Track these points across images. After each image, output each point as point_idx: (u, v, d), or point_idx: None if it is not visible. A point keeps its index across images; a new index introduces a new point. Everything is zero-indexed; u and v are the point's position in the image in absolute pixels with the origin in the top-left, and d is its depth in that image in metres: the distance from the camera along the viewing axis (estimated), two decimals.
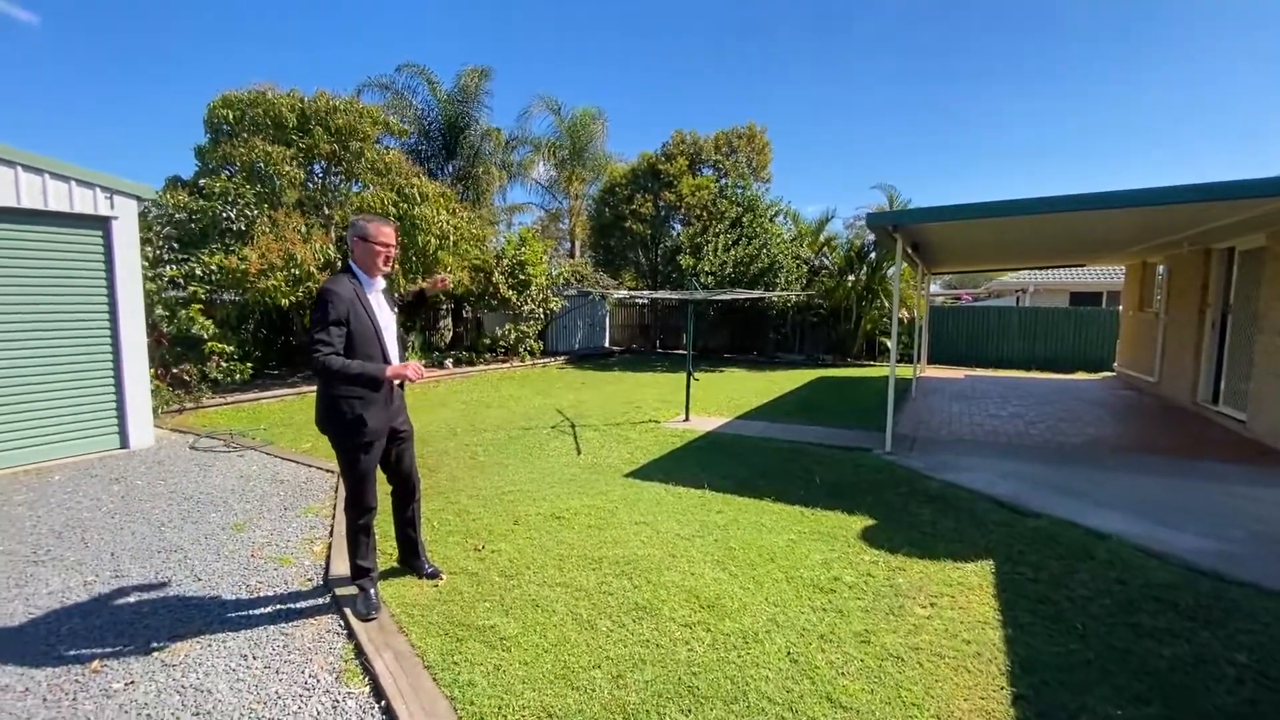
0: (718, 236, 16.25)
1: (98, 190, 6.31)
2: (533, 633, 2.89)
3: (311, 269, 10.12)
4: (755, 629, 2.95)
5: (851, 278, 17.35)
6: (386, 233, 3.02)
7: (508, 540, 4.02)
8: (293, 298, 10.14)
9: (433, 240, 11.45)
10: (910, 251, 8.11)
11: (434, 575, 3.40)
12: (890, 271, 16.80)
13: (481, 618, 3.02)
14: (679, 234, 17.90)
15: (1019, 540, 4.08)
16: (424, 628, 2.93)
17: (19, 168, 5.74)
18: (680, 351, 20.20)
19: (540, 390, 11.48)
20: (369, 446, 3.02)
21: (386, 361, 2.99)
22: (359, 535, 3.11)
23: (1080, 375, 14.71)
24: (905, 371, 14.30)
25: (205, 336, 9.27)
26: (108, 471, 5.74)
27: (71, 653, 2.76)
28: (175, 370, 9.06)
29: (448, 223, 11.75)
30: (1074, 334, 16.08)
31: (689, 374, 8.23)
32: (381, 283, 3.13)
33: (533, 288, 15.36)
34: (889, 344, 17.14)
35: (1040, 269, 21.92)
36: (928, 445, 6.82)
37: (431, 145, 17.75)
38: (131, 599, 3.28)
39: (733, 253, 15.94)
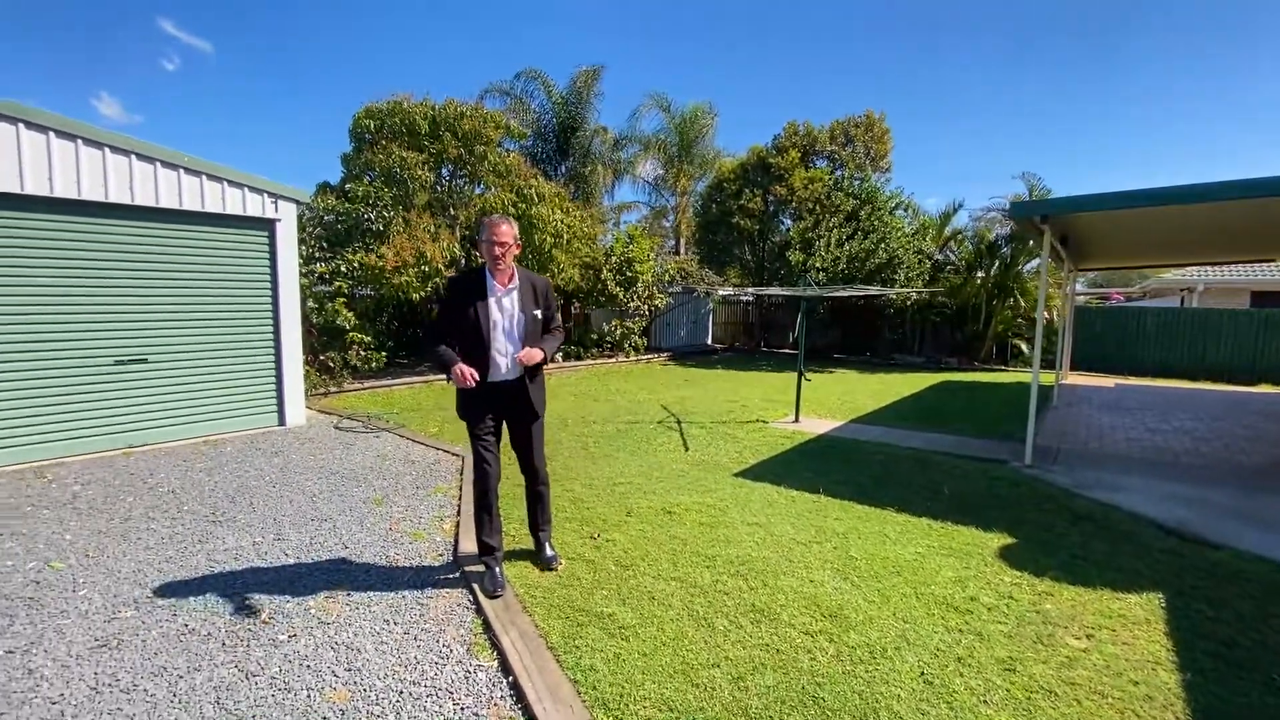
0: (831, 231, 15.61)
1: (265, 195, 7.11)
2: (650, 625, 2.89)
3: (439, 266, 10.85)
4: (883, 644, 2.77)
5: (980, 274, 16.03)
6: (497, 231, 3.12)
7: (621, 531, 4.08)
8: (422, 292, 10.93)
9: (548, 239, 11.89)
10: (1057, 245, 7.32)
11: (551, 561, 3.50)
12: (1029, 267, 15.36)
13: (600, 605, 3.07)
14: (789, 229, 17.40)
15: (1193, 573, 3.56)
16: (546, 609, 3.02)
17: (203, 176, 6.59)
18: (785, 351, 19.65)
19: (644, 386, 11.60)
20: (473, 425, 3.28)
21: (484, 352, 3.14)
22: (480, 512, 3.30)
23: (1266, 388, 12.68)
24: (1046, 378, 13.04)
25: (347, 327, 10.21)
26: (269, 445, 6.46)
27: (245, 603, 3.12)
28: (322, 357, 10.05)
29: (561, 221, 12.15)
30: (1258, 340, 13.86)
31: (800, 373, 7.96)
32: (512, 280, 3.23)
33: (639, 285, 15.55)
34: (1024, 347, 15.74)
35: (1214, 265, 19.12)
36: (1073, 460, 6.14)
37: (546, 147, 18.46)
38: (291, 560, 3.66)
39: (847, 248, 15.25)
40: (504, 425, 3.41)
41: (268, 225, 7.18)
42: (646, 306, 16.30)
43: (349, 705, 2.35)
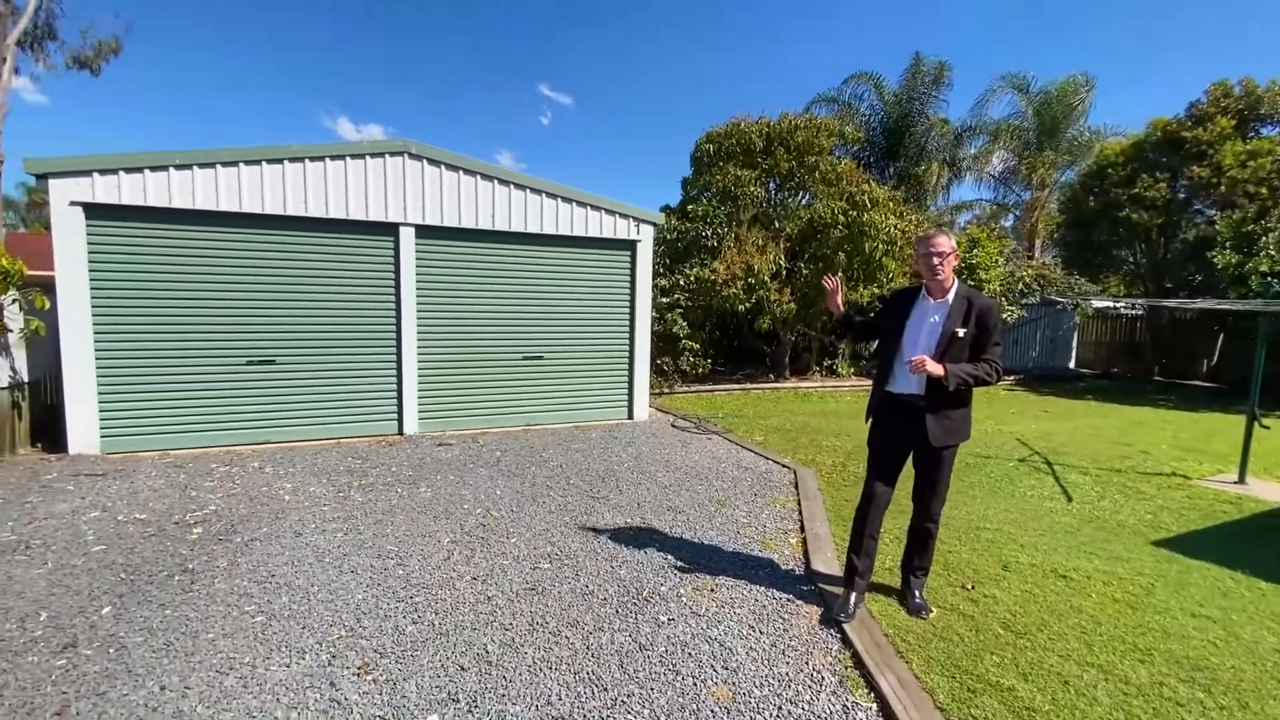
0: None
1: (630, 220, 8.20)
2: (1070, 715, 2.34)
3: (765, 278, 11.11)
4: None
5: None
6: (935, 241, 3.01)
7: (1000, 588, 3.46)
8: (746, 304, 11.33)
9: (879, 246, 11.19)
10: None
11: (921, 608, 3.13)
12: None
13: (993, 673, 2.61)
14: (1213, 222, 13.14)
15: None
16: (924, 661, 2.70)
17: (588, 207, 7.90)
18: (1194, 383, 14.89)
19: (989, 414, 9.98)
20: (873, 448, 3.18)
21: (890, 358, 3.11)
22: (856, 531, 3.15)
23: None
24: None
25: (680, 335, 11.18)
26: (623, 435, 7.40)
27: (628, 577, 3.53)
28: (658, 361, 11.20)
29: (895, 227, 11.30)
30: None
31: (1252, 415, 5.83)
32: (945, 295, 3.03)
33: (993, 301, 13.53)
34: None
35: None
36: None
37: (874, 150, 17.47)
38: (656, 545, 4.03)
39: None
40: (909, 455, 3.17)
41: (630, 246, 8.26)
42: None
43: (731, 706, 2.41)
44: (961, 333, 2.93)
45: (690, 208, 11.99)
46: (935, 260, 2.93)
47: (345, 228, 6.76)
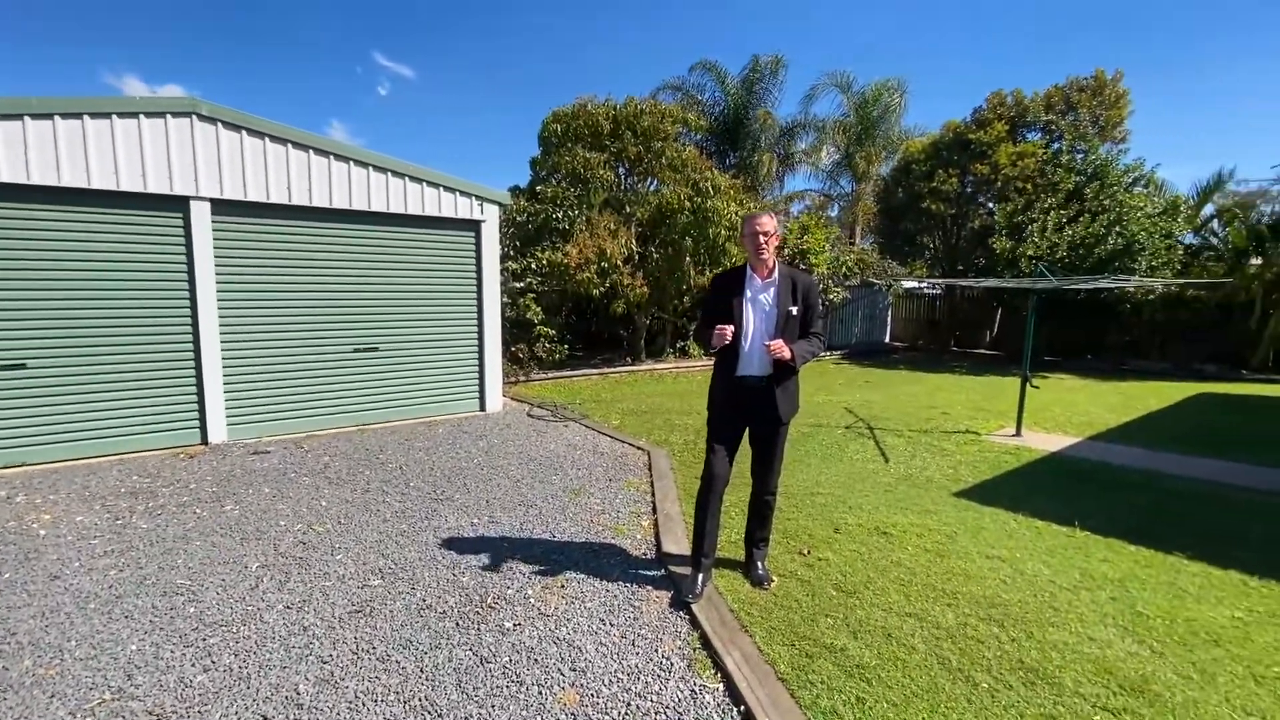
0: (1046, 213, 13.49)
1: (473, 199, 7.69)
2: (894, 668, 2.51)
3: (617, 262, 11.10)
4: None
5: (1258, 261, 12.85)
6: (758, 221, 3.04)
7: (832, 549, 3.69)
8: (600, 289, 11.27)
9: (722, 232, 11.64)
10: None
11: (763, 579, 3.23)
12: None
13: (828, 635, 2.74)
14: (992, 213, 15.38)
15: None
16: (767, 632, 2.77)
17: (423, 183, 7.27)
18: (981, 352, 17.49)
19: (820, 386, 10.91)
20: (714, 430, 3.18)
21: (734, 345, 3.06)
22: (700, 512, 3.15)
23: None
24: None
25: (535, 321, 10.84)
26: (474, 429, 6.99)
27: (470, 584, 3.26)
28: (512, 349, 10.78)
29: (736, 213, 11.83)
30: None
31: (1025, 378, 6.86)
32: (771, 275, 3.10)
33: (813, 278, 14.71)
34: None
35: None
36: None
37: (717, 138, 18.21)
38: (505, 545, 3.80)
39: (1067, 232, 13.06)
40: (745, 433, 3.23)
41: (474, 226, 7.76)
42: (820, 301, 15.37)
43: (579, 710, 2.28)
44: (795, 310, 3.03)
45: (539, 189, 11.62)
46: (761, 239, 2.98)
47: (116, 201, 5.58)
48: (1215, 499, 4.75)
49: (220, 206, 6.09)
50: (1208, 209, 14.45)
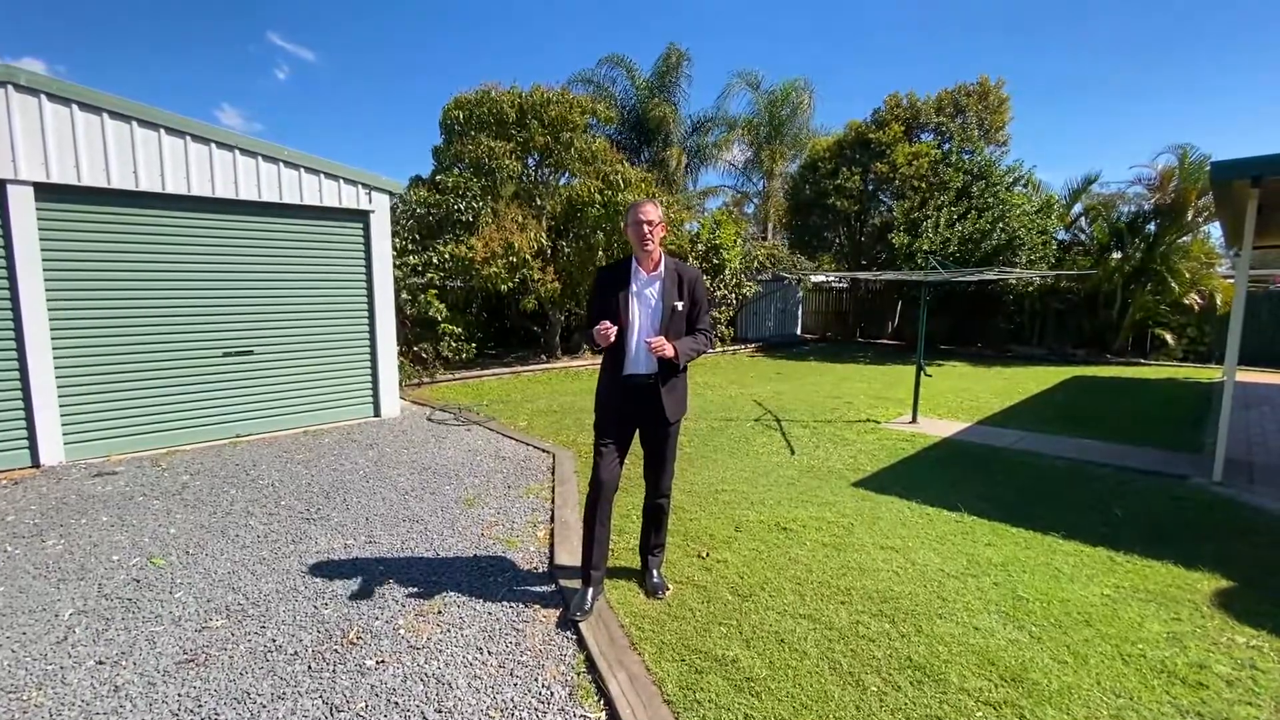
0: (939, 210, 14.28)
1: (359, 187, 7.10)
2: (784, 678, 2.40)
3: (526, 256, 10.71)
4: None
5: (1118, 255, 14.16)
6: (642, 209, 2.84)
7: (732, 549, 3.59)
8: (510, 284, 10.83)
9: None
10: (1248, 218, 6.06)
11: (658, 588, 3.06)
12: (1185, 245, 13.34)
13: (720, 646, 2.60)
14: (891, 209, 16.11)
15: None
16: (657, 648, 2.60)
17: (301, 169, 6.62)
18: (884, 342, 18.37)
19: (733, 379, 11.01)
20: (600, 431, 2.96)
21: (620, 342, 2.85)
22: (590, 527, 2.93)
23: None
24: (1203, 373, 11.35)
25: (439, 319, 10.26)
26: (364, 437, 6.46)
27: (333, 617, 2.90)
28: (415, 348, 10.17)
29: None
30: None
31: (919, 367, 7.13)
32: (658, 269, 2.90)
33: (726, 272, 14.88)
34: (1168, 337, 13.78)
35: None
36: (1276, 476, 5.04)
37: (628, 134, 18.07)
38: (381, 568, 3.44)
39: (958, 228, 13.89)
40: (634, 435, 3.03)
41: (362, 217, 7.18)
42: (734, 295, 15.60)
43: None
44: (680, 305, 2.88)
45: (440, 178, 11.02)
46: (646, 229, 2.79)
47: None
48: (1081, 476, 5.07)
49: (47, 192, 5.26)
50: (1077, 208, 15.78)
